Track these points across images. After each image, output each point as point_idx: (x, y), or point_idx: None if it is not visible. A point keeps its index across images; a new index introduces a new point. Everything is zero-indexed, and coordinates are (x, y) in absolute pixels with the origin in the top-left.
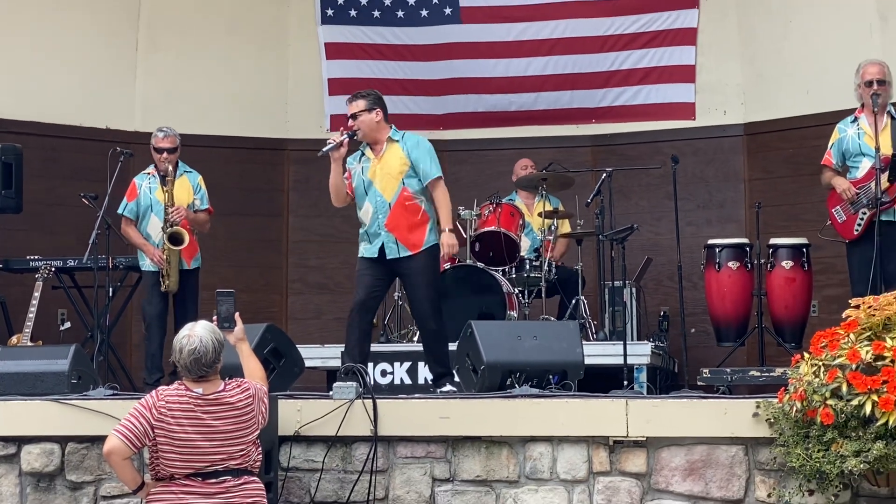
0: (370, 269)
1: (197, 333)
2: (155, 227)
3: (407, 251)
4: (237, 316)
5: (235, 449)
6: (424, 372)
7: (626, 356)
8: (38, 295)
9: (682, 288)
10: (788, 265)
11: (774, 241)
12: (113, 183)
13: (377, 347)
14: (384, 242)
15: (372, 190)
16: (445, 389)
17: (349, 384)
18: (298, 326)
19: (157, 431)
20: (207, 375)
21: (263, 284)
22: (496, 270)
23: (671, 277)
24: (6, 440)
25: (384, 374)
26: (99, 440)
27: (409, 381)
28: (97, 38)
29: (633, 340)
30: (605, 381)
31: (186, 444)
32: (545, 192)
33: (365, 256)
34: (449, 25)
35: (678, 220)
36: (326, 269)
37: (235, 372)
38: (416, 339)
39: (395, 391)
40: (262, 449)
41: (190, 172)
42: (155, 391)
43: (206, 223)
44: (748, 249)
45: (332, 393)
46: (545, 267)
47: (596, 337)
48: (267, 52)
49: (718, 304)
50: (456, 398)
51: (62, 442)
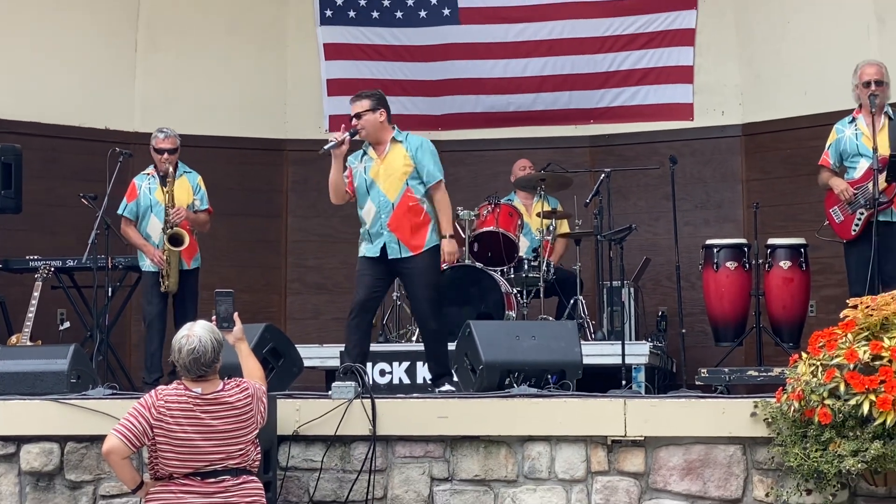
0: (371, 269)
1: (196, 333)
2: (155, 227)
3: (409, 252)
4: (236, 316)
5: (234, 448)
6: (423, 372)
7: (624, 356)
8: (37, 295)
9: (680, 288)
10: (786, 265)
11: (772, 241)
12: (112, 183)
13: (376, 347)
14: (386, 242)
15: (375, 189)
16: (444, 389)
17: (348, 384)
18: (297, 326)
19: (156, 431)
20: (206, 375)
21: (262, 284)
22: (495, 270)
23: (669, 277)
24: (5, 439)
25: (383, 373)
26: (98, 440)
27: (407, 380)
28: (97, 38)
29: (631, 340)
30: (603, 380)
31: (185, 443)
32: (543, 192)
33: (367, 256)
34: (447, 26)
35: (676, 220)
36: (325, 269)
37: (234, 372)
38: (414, 339)
39: (393, 391)
40: (260, 448)
41: (189, 173)
42: (154, 391)
43: (206, 223)
44: (746, 250)
45: (330, 393)
46: (543, 267)
47: (594, 337)
48: (266, 52)
49: (716, 304)
50: (454, 398)
51: (61, 441)
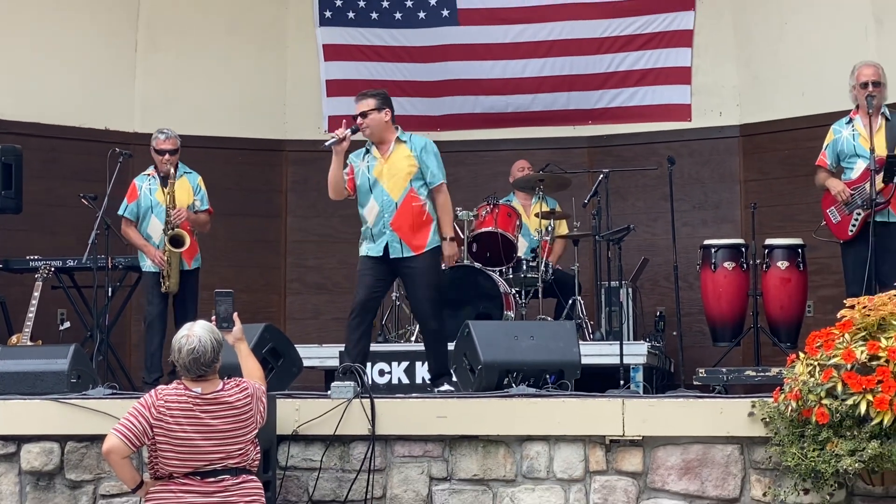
0: (372, 269)
1: (196, 333)
2: (155, 228)
3: (410, 251)
4: (236, 316)
5: (234, 448)
6: (422, 371)
7: (622, 356)
8: (37, 295)
9: (678, 288)
10: (784, 265)
11: (770, 241)
12: (112, 183)
13: (375, 347)
14: (388, 242)
15: (378, 188)
16: (443, 389)
17: (347, 384)
18: (296, 326)
19: (155, 430)
20: (206, 375)
21: (262, 284)
22: (493, 271)
23: (667, 278)
24: (6, 439)
25: (382, 373)
26: (98, 439)
27: (406, 380)
28: (97, 38)
29: (629, 340)
30: (601, 380)
31: (185, 443)
32: (542, 193)
33: (369, 255)
34: (446, 27)
35: (674, 220)
36: (324, 269)
37: (234, 371)
38: (413, 339)
39: (392, 391)
40: (260, 448)
41: (190, 173)
42: (154, 390)
43: (206, 224)
44: (744, 250)
45: (330, 392)
46: (542, 267)
47: (592, 337)
48: (266, 53)
49: (714, 304)
50: (453, 398)
51: (62, 441)
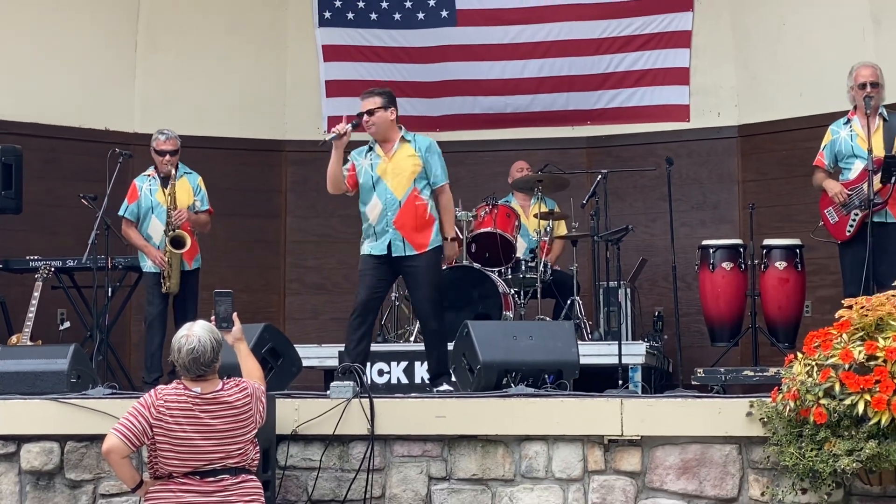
0: (374, 268)
1: (195, 333)
2: (156, 228)
3: (413, 250)
4: (235, 316)
5: (233, 448)
6: (421, 371)
7: (620, 356)
8: (37, 295)
9: (676, 288)
10: (782, 266)
11: (768, 241)
12: (112, 184)
13: (374, 347)
14: (391, 240)
15: (381, 186)
16: (442, 389)
17: (346, 383)
18: (296, 326)
19: (155, 430)
20: (206, 375)
21: (261, 285)
22: (492, 271)
23: (666, 278)
24: (6, 439)
25: (381, 373)
26: (98, 439)
27: (405, 380)
28: (97, 38)
29: (627, 340)
30: (600, 380)
31: (185, 442)
32: (541, 193)
33: (373, 254)
34: (445, 28)
35: (672, 221)
36: (324, 269)
37: (234, 371)
38: (412, 339)
39: (391, 390)
40: (259, 448)
41: (190, 174)
42: (153, 390)
43: (206, 224)
44: (742, 250)
45: (329, 392)
46: (541, 268)
47: (591, 337)
48: (265, 53)
49: (712, 304)
50: (452, 397)
51: (61, 440)
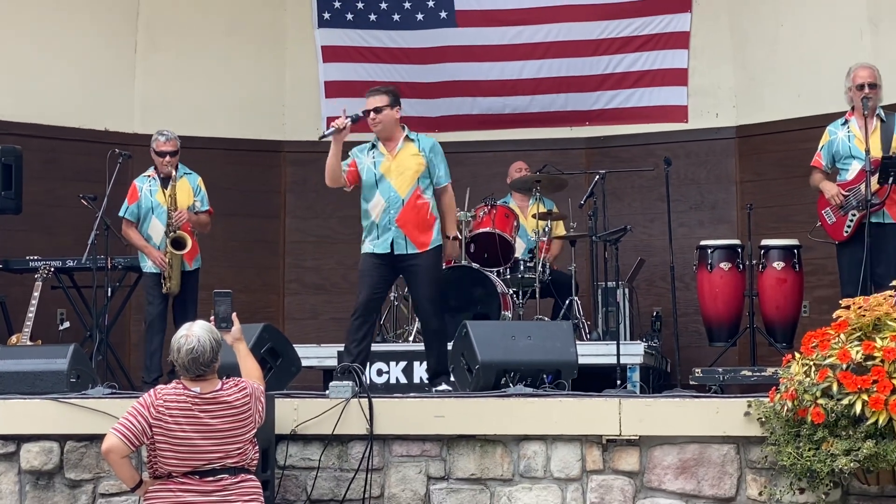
0: (376, 268)
1: (195, 333)
2: (156, 229)
3: (415, 248)
4: (234, 316)
5: (233, 447)
6: (420, 371)
7: (619, 356)
8: (37, 295)
9: (674, 288)
10: (780, 266)
11: (766, 242)
12: (112, 184)
13: (373, 347)
14: (394, 238)
15: (384, 184)
16: (441, 388)
17: (345, 383)
18: (295, 326)
19: (154, 430)
20: (205, 375)
21: (261, 285)
22: (491, 271)
23: (664, 278)
24: (6, 438)
25: (380, 373)
26: (97, 438)
27: (404, 380)
28: (97, 38)
29: (626, 340)
30: (598, 380)
31: (184, 442)
32: (539, 194)
33: (375, 252)
34: (444, 29)
35: (671, 221)
36: (322, 269)
37: (233, 371)
38: (411, 339)
39: (390, 390)
40: (258, 447)
41: (190, 174)
42: (153, 390)
43: (207, 224)
44: (740, 250)
45: (328, 392)
46: (539, 268)
47: (589, 337)
48: (265, 54)
49: (710, 304)
50: (451, 397)
51: (61, 440)
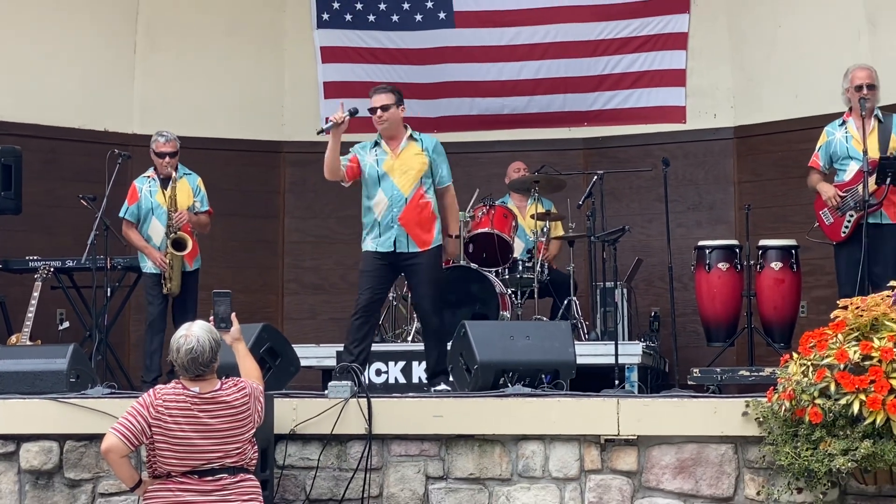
0: (377, 267)
1: (194, 333)
2: (156, 229)
3: (416, 247)
4: (233, 316)
5: (232, 447)
6: (418, 371)
7: (617, 356)
8: (37, 295)
9: (672, 289)
10: (777, 266)
11: (764, 242)
12: (111, 184)
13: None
14: (396, 236)
15: (387, 182)
16: (440, 388)
17: (344, 383)
18: (294, 326)
19: (154, 430)
20: (204, 374)
21: (260, 285)
22: (489, 271)
23: (662, 278)
24: (5, 438)
25: (379, 373)
26: (97, 438)
27: (403, 380)
28: (97, 38)
29: (624, 340)
30: (596, 380)
31: (183, 442)
32: (537, 194)
33: (377, 250)
34: (443, 30)
35: (669, 221)
36: (321, 269)
37: (232, 371)
38: (410, 338)
39: (389, 390)
40: (258, 447)
41: (189, 175)
42: (152, 390)
43: (207, 225)
44: (738, 251)
45: (327, 392)
46: (538, 268)
47: (588, 337)
48: (264, 55)
49: (708, 304)
50: (449, 397)
51: (61, 440)
